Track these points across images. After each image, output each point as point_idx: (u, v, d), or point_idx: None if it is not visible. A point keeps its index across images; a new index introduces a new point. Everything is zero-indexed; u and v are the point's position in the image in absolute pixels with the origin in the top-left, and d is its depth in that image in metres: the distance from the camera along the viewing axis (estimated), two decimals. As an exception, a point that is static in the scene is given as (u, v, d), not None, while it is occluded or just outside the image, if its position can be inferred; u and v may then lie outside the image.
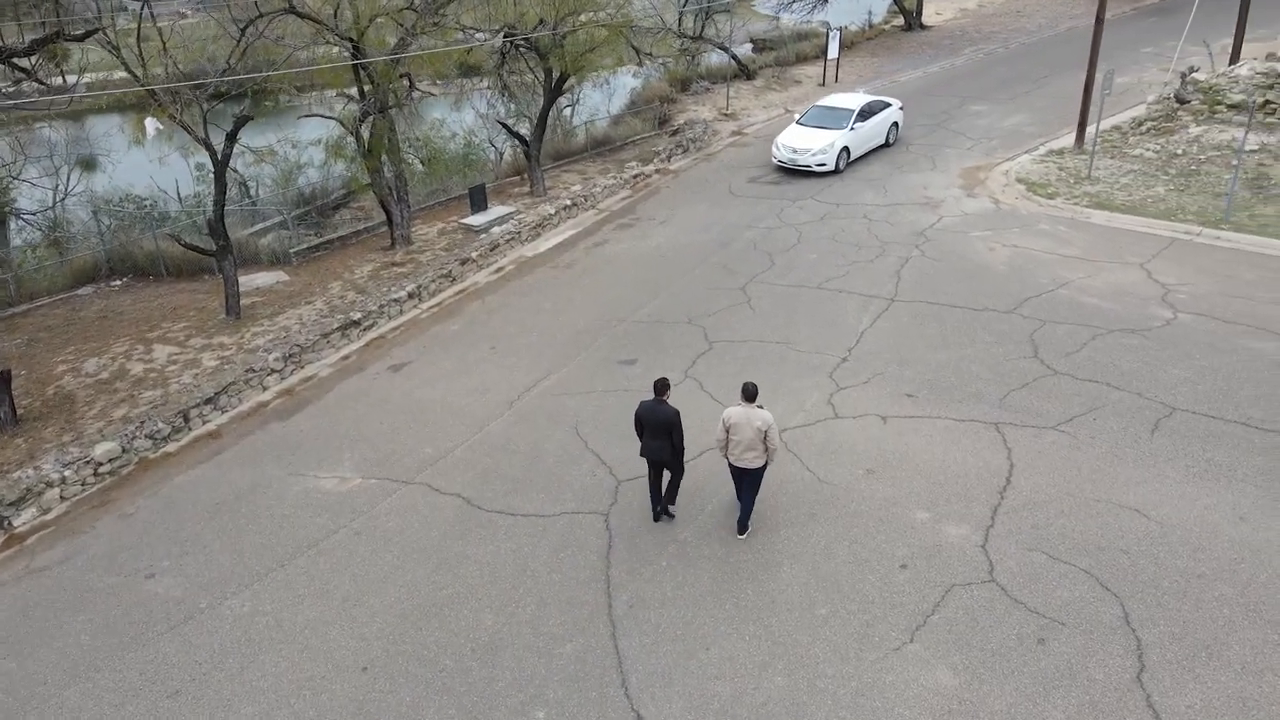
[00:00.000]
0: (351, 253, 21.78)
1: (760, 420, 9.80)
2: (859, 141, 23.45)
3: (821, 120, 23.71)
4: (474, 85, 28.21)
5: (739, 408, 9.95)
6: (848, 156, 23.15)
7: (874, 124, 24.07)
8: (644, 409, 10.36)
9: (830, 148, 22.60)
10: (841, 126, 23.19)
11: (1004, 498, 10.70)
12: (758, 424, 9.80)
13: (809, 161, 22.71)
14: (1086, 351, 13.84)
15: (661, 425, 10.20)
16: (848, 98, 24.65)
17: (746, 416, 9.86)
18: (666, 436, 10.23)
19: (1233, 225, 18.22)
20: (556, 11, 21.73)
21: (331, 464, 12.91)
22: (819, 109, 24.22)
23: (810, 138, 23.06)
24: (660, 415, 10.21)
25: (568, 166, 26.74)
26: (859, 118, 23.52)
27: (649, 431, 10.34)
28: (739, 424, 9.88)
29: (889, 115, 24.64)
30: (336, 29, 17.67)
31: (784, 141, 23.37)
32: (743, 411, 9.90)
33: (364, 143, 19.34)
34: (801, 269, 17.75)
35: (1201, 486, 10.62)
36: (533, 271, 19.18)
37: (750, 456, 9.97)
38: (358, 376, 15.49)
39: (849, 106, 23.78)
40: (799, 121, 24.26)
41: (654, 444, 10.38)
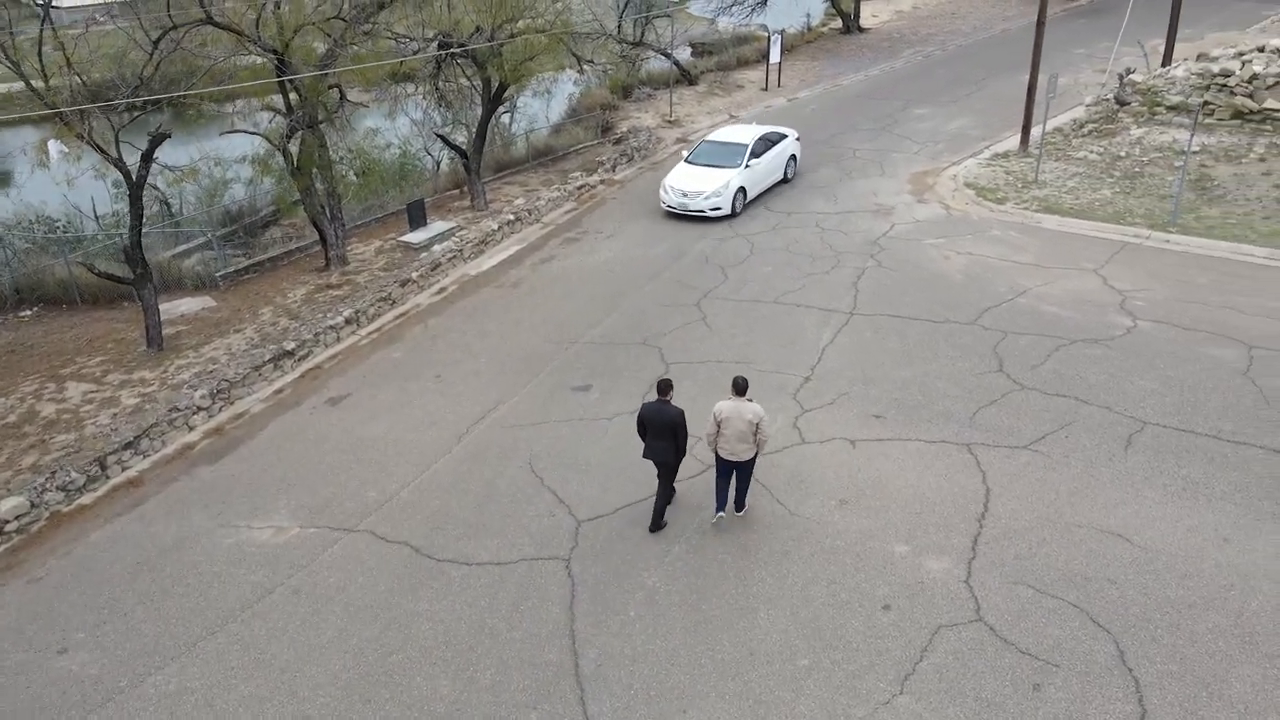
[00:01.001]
0: (283, 275, 20.62)
1: (751, 413, 10.01)
2: (755, 180, 21.21)
3: (713, 158, 21.29)
4: (408, 94, 27.15)
5: (730, 401, 10.13)
6: (744, 198, 20.76)
7: (771, 159, 21.79)
8: (648, 410, 10.37)
9: (724, 189, 20.24)
10: (735, 164, 20.84)
11: (983, 526, 10.27)
12: (749, 416, 9.99)
13: (701, 206, 20.27)
14: (1051, 364, 13.56)
15: (666, 426, 10.24)
16: (740, 131, 22.42)
17: (738, 410, 10.05)
18: (671, 437, 10.27)
19: (1180, 228, 18.26)
20: (494, 19, 20.89)
21: (266, 512, 11.94)
22: (709, 145, 21.84)
23: (701, 178, 20.62)
24: (665, 416, 10.23)
25: (509, 178, 25.88)
26: (754, 153, 21.26)
27: (653, 433, 10.35)
28: (730, 417, 10.06)
29: (786, 148, 22.43)
30: (259, 40, 16.59)
31: (672, 183, 20.85)
32: (734, 405, 10.09)
33: (292, 160, 18.26)
34: (757, 283, 17.24)
35: (1181, 507, 10.33)
36: (477, 291, 18.33)
37: (742, 449, 10.16)
38: (293, 412, 14.49)
39: (742, 141, 21.51)
40: (688, 160, 21.66)
41: (658, 445, 10.38)
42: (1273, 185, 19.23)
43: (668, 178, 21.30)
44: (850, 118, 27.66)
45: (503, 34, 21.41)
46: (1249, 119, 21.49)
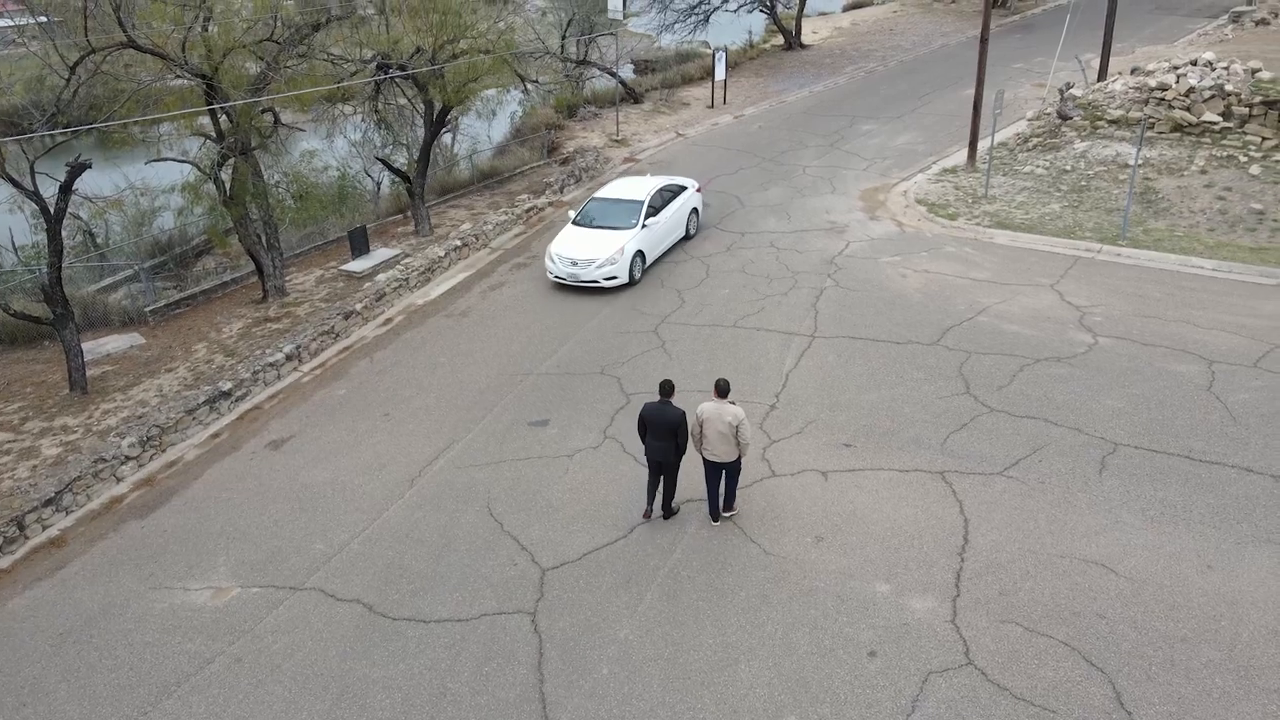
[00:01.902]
0: (218, 308, 19.62)
1: (731, 415, 10.13)
2: (655, 240, 18.70)
3: (604, 218, 18.71)
4: (346, 116, 26.27)
5: (711, 403, 10.29)
6: (643, 262, 18.23)
7: (670, 215, 19.24)
8: (650, 410, 10.55)
9: (620, 255, 17.62)
10: (630, 225, 18.26)
11: (964, 560, 9.93)
12: (729, 419, 10.12)
13: (594, 275, 17.59)
14: (1017, 384, 13.38)
15: (667, 426, 10.40)
16: (634, 185, 19.82)
17: (718, 411, 10.20)
18: (671, 437, 10.43)
19: (1130, 241, 18.38)
20: (434, 39, 20.25)
21: (203, 571, 11.08)
22: (600, 203, 19.24)
23: (592, 243, 17.96)
24: (667, 416, 10.40)
25: (454, 202, 25.17)
26: (651, 209, 18.74)
27: (653, 433, 10.51)
28: (711, 419, 10.23)
29: (687, 201, 19.95)
30: (186, 64, 15.71)
31: (559, 251, 18.05)
32: (715, 407, 10.25)
33: (224, 188, 17.35)
34: (714, 306, 16.84)
35: (1161, 532, 10.13)
36: (425, 322, 17.60)
37: (723, 450, 10.29)
38: (231, 458, 13.60)
39: (636, 197, 18.93)
40: (576, 221, 19.00)
41: (658, 445, 10.52)
42: (1215, 197, 19.51)
43: (554, 244, 18.47)
44: (798, 135, 27.57)
45: (444, 55, 20.78)
46: (1188, 132, 21.85)
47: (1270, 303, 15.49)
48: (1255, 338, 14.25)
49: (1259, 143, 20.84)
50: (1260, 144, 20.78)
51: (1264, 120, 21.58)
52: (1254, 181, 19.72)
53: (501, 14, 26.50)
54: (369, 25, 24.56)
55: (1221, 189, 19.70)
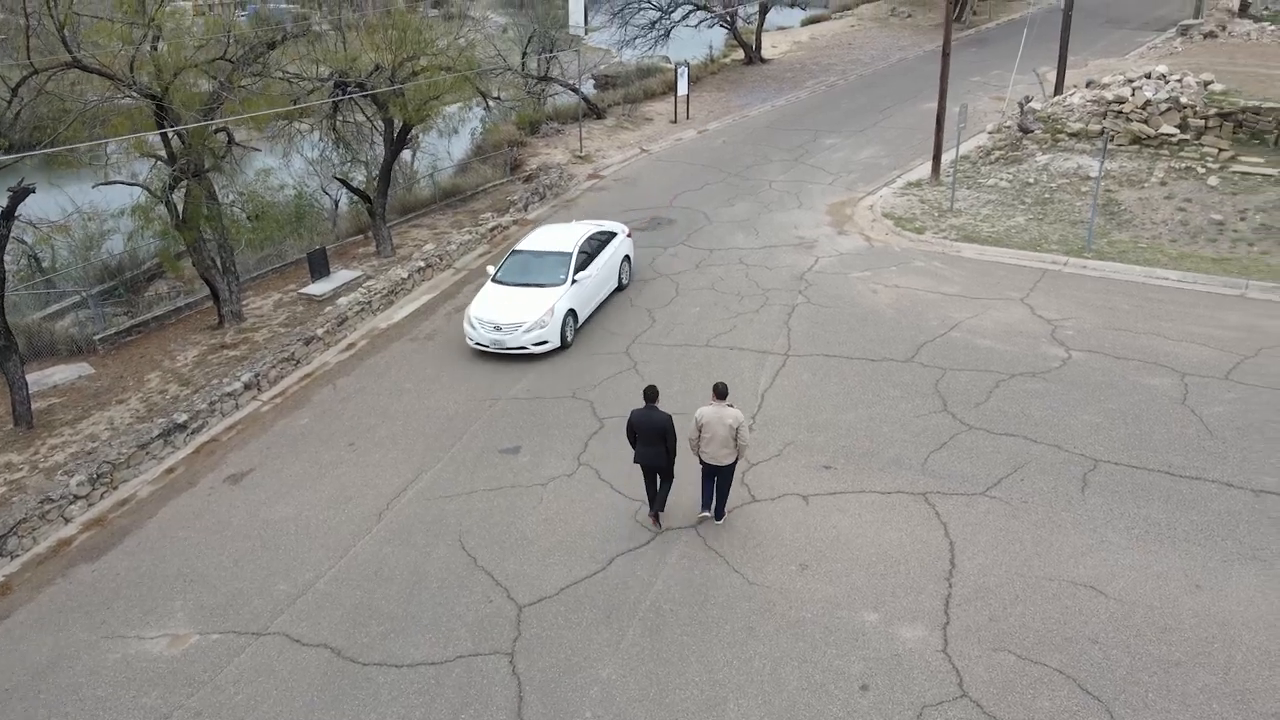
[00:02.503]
0: (172, 334, 18.94)
1: (731, 418, 10.29)
2: (587, 296, 16.79)
3: (529, 274, 16.64)
4: (303, 134, 25.65)
5: (711, 407, 10.41)
6: (575, 322, 16.33)
7: (602, 266, 17.34)
8: (637, 416, 10.68)
9: (550, 316, 15.64)
10: (559, 280, 16.32)
11: (952, 586, 9.73)
12: (729, 421, 10.27)
13: (521, 341, 15.55)
14: (994, 401, 13.28)
15: (655, 431, 10.55)
16: (559, 234, 17.81)
17: (718, 415, 10.34)
18: (661, 442, 10.59)
19: (1095, 253, 18.49)
20: (394, 57, 19.83)
21: (159, 617, 10.51)
22: (523, 257, 17.15)
23: (517, 304, 15.90)
24: (654, 421, 10.55)
25: (416, 221, 24.69)
26: (581, 262, 16.81)
27: (643, 439, 10.64)
28: (710, 422, 10.35)
29: (618, 249, 18.17)
30: (134, 84, 15.13)
31: (480, 314, 15.95)
32: (714, 410, 10.38)
33: (177, 211, 16.74)
34: (685, 325, 16.59)
35: (1148, 552, 10.02)
36: (389, 346, 17.11)
37: (723, 454, 10.41)
38: (188, 494, 13.00)
39: (563, 249, 16.96)
40: (496, 279, 16.91)
41: (648, 450, 10.66)
42: (1176, 208, 19.74)
43: (473, 306, 16.35)
44: (762, 149, 27.53)
45: (404, 72, 20.36)
46: (1146, 144, 22.14)
47: (1235, 313, 15.61)
48: (1224, 349, 14.32)
49: (1216, 154, 21.16)
50: (1217, 155, 21.10)
51: (1219, 132, 21.95)
52: (1213, 192, 19.99)
53: (461, 30, 26.19)
54: (325, 42, 24.09)
55: (1182, 200, 19.94)
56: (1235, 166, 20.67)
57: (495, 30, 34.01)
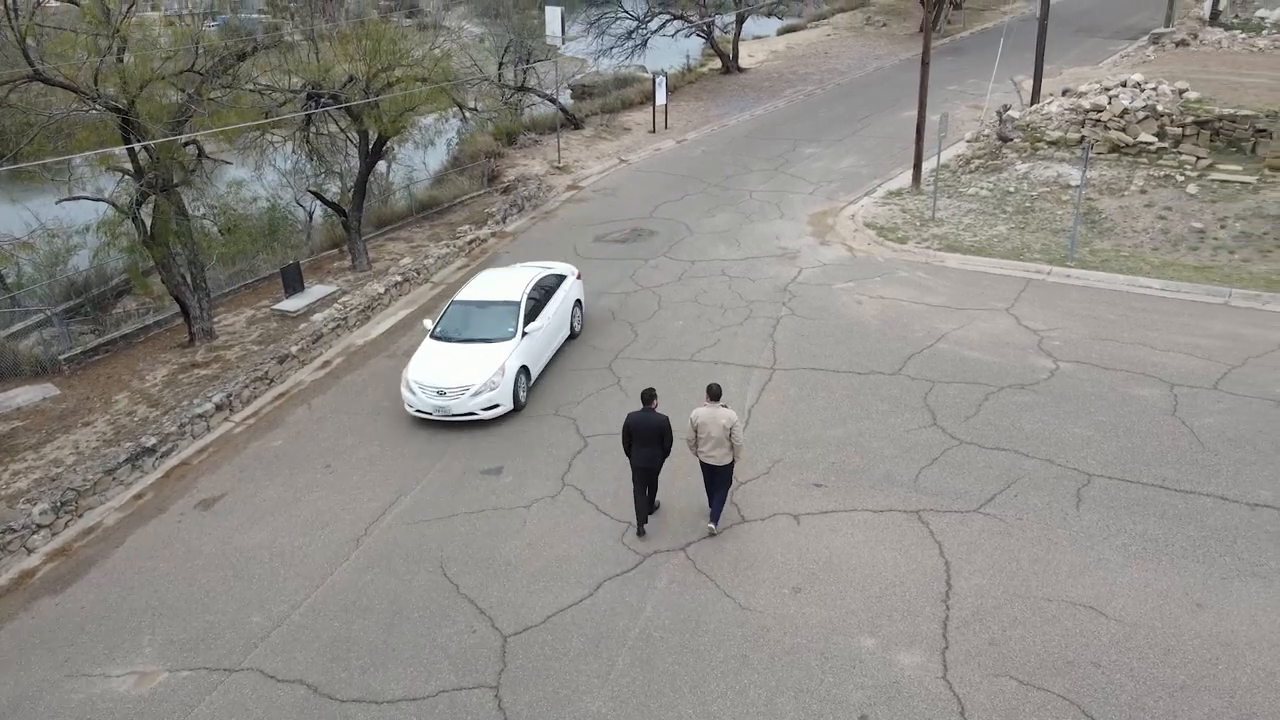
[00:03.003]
0: (140, 353, 18.43)
1: (725, 419, 10.42)
2: (539, 350, 15.05)
3: (472, 328, 14.87)
4: (275, 146, 25.15)
5: (706, 408, 10.54)
6: (528, 380, 14.59)
7: (553, 314, 15.61)
8: (635, 419, 10.79)
9: (500, 376, 13.82)
10: (507, 334, 14.54)
11: (950, 608, 9.49)
12: (723, 422, 10.40)
13: (470, 406, 13.69)
14: (984, 414, 13.10)
15: (653, 433, 10.69)
16: (504, 280, 15.92)
17: (713, 416, 10.46)
18: (658, 443, 10.73)
19: (1078, 262, 18.43)
20: (368, 67, 19.45)
21: (126, 653, 10.05)
22: (464, 308, 15.28)
23: (461, 364, 14.02)
24: (652, 423, 10.70)
25: (392, 234, 24.28)
26: (530, 311, 15.06)
27: (639, 440, 10.75)
28: (705, 423, 10.47)
29: (569, 293, 16.41)
30: (98, 97, 14.67)
31: (419, 377, 14.05)
32: (709, 411, 10.51)
33: (145, 227, 16.26)
34: (669, 339, 16.31)
35: (1146, 569, 9.84)
36: (366, 364, 16.70)
37: (719, 454, 10.53)
38: (156, 521, 12.54)
39: (509, 297, 15.15)
40: (435, 335, 15.01)
41: (645, 451, 10.76)
42: (1156, 217, 19.75)
43: (410, 367, 14.41)
44: (742, 159, 27.37)
45: (379, 83, 19.99)
46: (1125, 152, 22.18)
47: (1220, 322, 15.57)
48: (1211, 359, 14.25)
49: (1194, 162, 21.22)
50: (1195, 163, 21.16)
51: (1197, 140, 22.03)
52: (1192, 200, 20.03)
53: (436, 40, 25.87)
54: (297, 53, 23.66)
55: (1162, 208, 19.96)
56: (1214, 174, 20.74)
57: (471, 40, 33.67)
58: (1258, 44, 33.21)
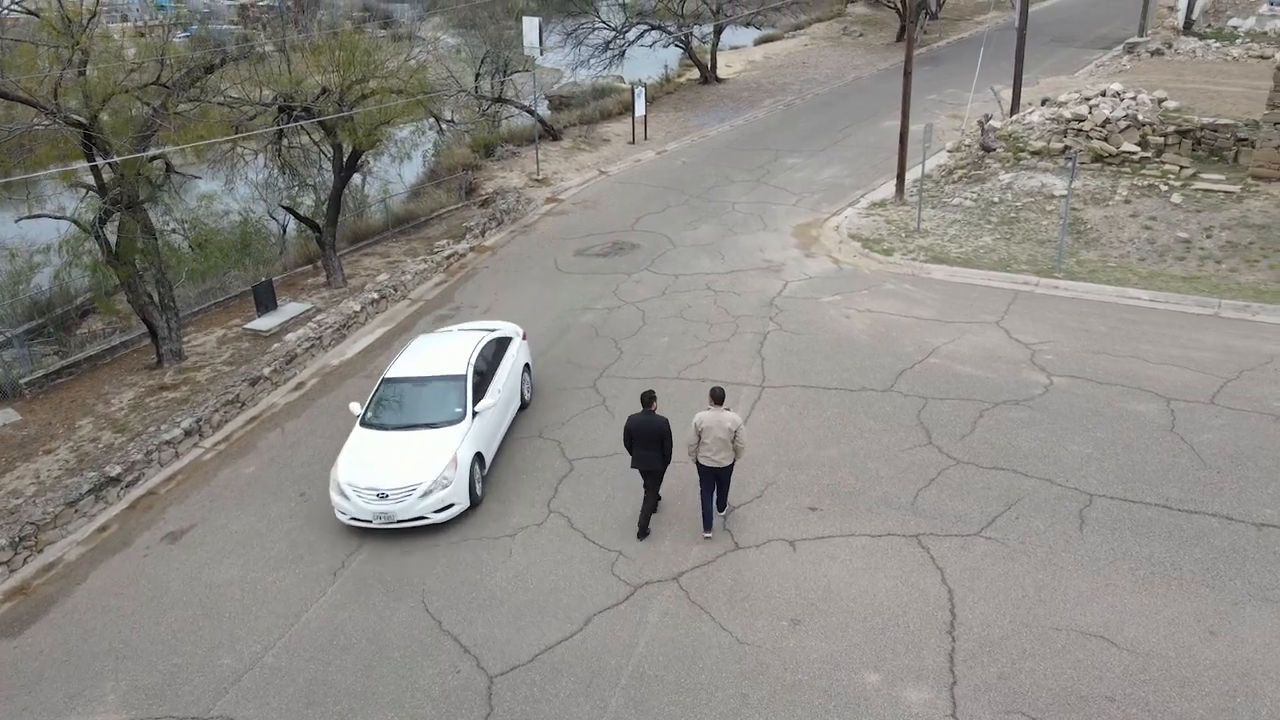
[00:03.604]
0: (106, 375, 17.78)
1: (730, 421, 10.54)
2: (492, 429, 12.85)
3: (412, 411, 12.57)
4: (246, 161, 24.50)
5: (709, 411, 10.62)
6: (482, 468, 12.26)
7: (504, 384, 13.45)
8: (635, 421, 10.84)
9: (453, 470, 11.54)
10: (454, 416, 12.27)
11: (955, 640, 9.12)
12: (728, 424, 10.52)
13: (419, 509, 11.35)
14: (980, 432, 12.79)
15: (654, 435, 10.75)
16: (443, 349, 13.65)
17: (717, 419, 10.54)
18: (658, 445, 10.78)
19: (1066, 273, 18.25)
20: (341, 79, 18.96)
21: (88, 701, 9.48)
22: (399, 388, 12.93)
23: (403, 457, 11.71)
24: (653, 426, 10.76)
25: (368, 249, 23.74)
26: (477, 384, 12.79)
27: (640, 442, 10.80)
28: (710, 426, 10.53)
29: (517, 358, 14.29)
30: (59, 111, 14.08)
31: (353, 479, 11.55)
32: (713, 415, 10.58)
33: (108, 246, 15.66)
34: (654, 356, 15.91)
35: (1155, 595, 9.53)
36: (342, 384, 16.16)
37: (722, 456, 10.61)
38: (121, 556, 11.95)
39: (453, 370, 12.88)
40: (368, 422, 12.54)
41: (645, 454, 10.83)
42: (1141, 227, 19.64)
43: (340, 466, 11.84)
44: (723, 170, 27.07)
45: (353, 95, 19.49)
46: (1108, 162, 22.10)
47: (1212, 334, 15.39)
48: (1205, 371, 14.04)
49: (1177, 171, 21.16)
50: (1179, 173, 21.10)
51: (1179, 149, 22.01)
52: (1177, 210, 19.93)
53: (412, 51, 25.40)
54: (269, 64, 23.11)
55: (1147, 218, 19.85)
56: (1197, 184, 20.67)
57: (448, 51, 33.20)
58: (1231, 53, 33.49)
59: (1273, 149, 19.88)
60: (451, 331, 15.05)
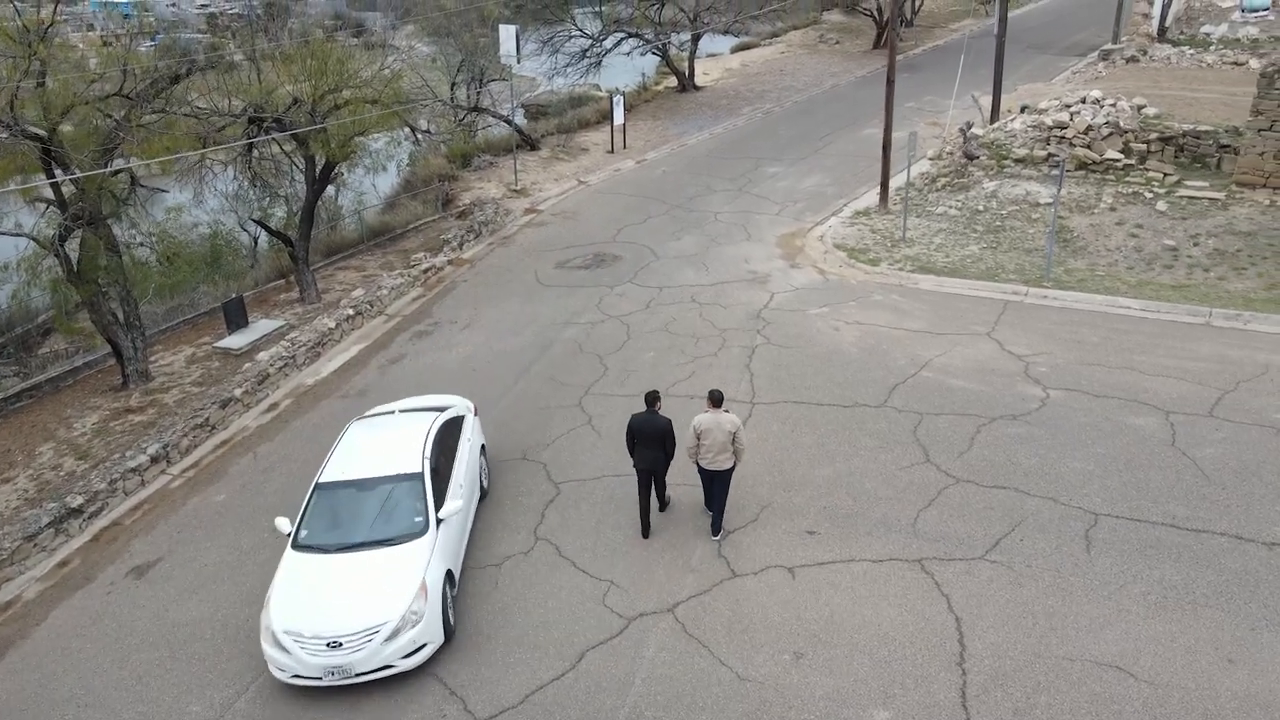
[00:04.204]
0: (68, 398, 17.05)
1: (729, 423, 10.51)
2: (458, 535, 10.56)
3: (357, 524, 10.17)
4: (215, 174, 23.78)
5: (709, 414, 10.58)
6: (452, 588, 10.03)
7: (464, 474, 11.20)
8: (638, 421, 10.86)
9: (420, 600, 9.31)
10: (414, 527, 9.95)
11: (966, 673, 8.74)
12: (728, 427, 10.48)
13: (383, 658, 9.08)
14: (978, 449, 12.45)
15: (656, 435, 10.77)
16: (389, 437, 11.34)
17: (716, 421, 10.50)
18: (660, 445, 10.82)
19: (1055, 282, 18.02)
20: (313, 89, 18.39)
21: (46, 755, 8.85)
22: (339, 495, 10.42)
23: (354, 589, 9.48)
24: (655, 425, 10.78)
25: (342, 263, 23.12)
26: (436, 481, 10.49)
27: (642, 442, 10.81)
28: (710, 429, 10.49)
29: (473, 439, 12.07)
30: (16, 124, 13.43)
31: (291, 624, 9.20)
32: (712, 417, 10.55)
33: (69, 263, 14.99)
34: (641, 373, 15.46)
35: (1169, 621, 9.20)
36: (317, 405, 15.57)
37: (722, 459, 10.58)
38: (83, 593, 11.31)
39: (407, 468, 10.51)
40: (302, 543, 10.07)
41: (648, 453, 10.83)
42: (1128, 234, 19.49)
43: (272, 611, 9.39)
44: (704, 179, 26.73)
45: (325, 105, 18.92)
46: (1092, 169, 21.98)
47: (1205, 344, 15.19)
48: (1202, 383, 13.82)
49: (1161, 178, 21.08)
50: (1163, 180, 21.01)
51: (1162, 156, 21.93)
52: (1162, 218, 19.81)
53: (386, 60, 24.85)
54: (238, 74, 22.46)
55: (1133, 226, 19.71)
56: (1181, 191, 20.58)
57: (422, 59, 32.63)
58: (1206, 59, 33.66)
59: (1257, 155, 19.82)
60: (393, 413, 12.23)
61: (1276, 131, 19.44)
